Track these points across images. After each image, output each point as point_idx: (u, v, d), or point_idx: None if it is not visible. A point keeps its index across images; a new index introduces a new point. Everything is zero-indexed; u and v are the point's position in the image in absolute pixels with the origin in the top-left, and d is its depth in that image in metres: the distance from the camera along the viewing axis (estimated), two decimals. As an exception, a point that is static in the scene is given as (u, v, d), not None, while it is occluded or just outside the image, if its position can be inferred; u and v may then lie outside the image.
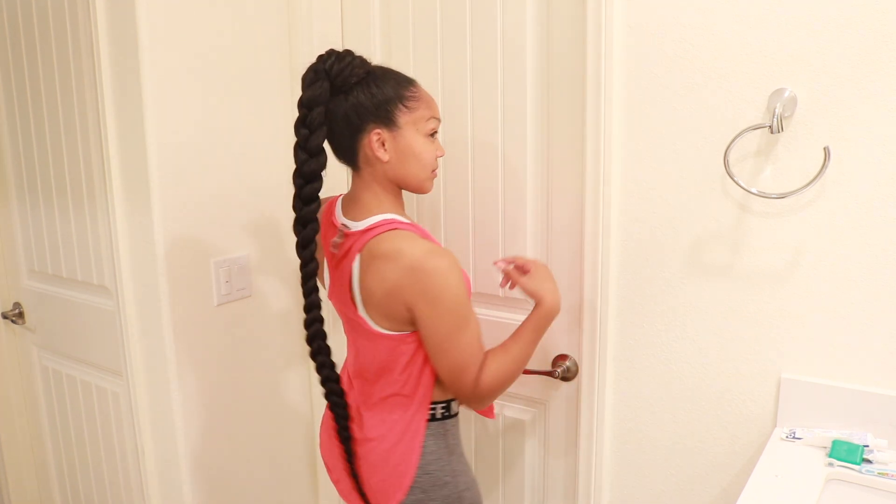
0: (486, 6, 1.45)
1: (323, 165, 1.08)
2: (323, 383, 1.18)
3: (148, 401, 1.58)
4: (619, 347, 1.39)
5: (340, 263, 1.13)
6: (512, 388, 1.58)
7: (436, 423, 1.17)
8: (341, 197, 1.20)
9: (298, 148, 1.07)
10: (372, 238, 1.07)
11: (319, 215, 1.20)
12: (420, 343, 1.12)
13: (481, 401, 1.12)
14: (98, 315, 1.70)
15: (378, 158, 1.09)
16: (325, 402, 1.25)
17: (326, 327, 1.18)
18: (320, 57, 1.07)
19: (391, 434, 1.15)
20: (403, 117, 1.08)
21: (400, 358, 1.12)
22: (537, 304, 1.16)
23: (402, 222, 1.09)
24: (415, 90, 1.10)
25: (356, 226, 1.10)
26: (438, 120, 1.13)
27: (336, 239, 1.14)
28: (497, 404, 1.61)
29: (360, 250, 1.08)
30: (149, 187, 1.44)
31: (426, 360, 1.13)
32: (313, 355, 1.17)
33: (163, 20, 1.42)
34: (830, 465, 1.09)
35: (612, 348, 1.40)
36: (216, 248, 1.58)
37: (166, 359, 1.52)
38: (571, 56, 1.36)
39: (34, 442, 2.07)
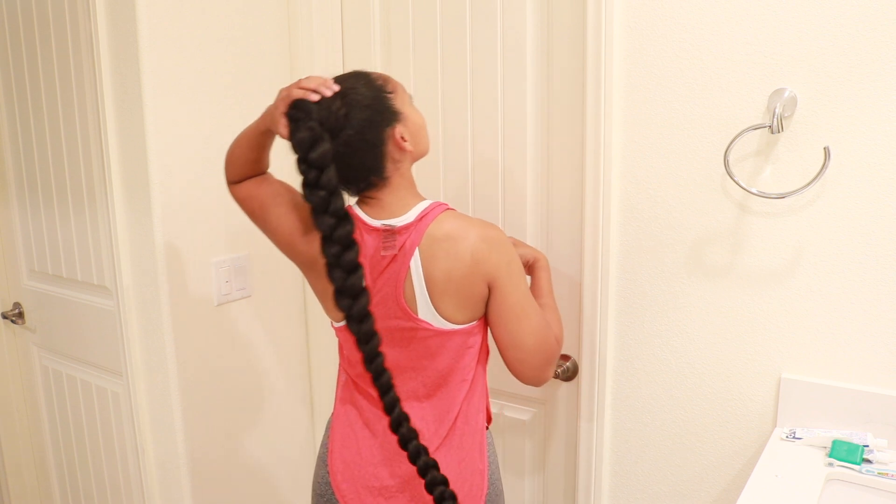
0: (486, 6, 1.45)
1: (353, 226, 1.01)
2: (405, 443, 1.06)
3: (148, 401, 1.58)
4: (619, 347, 1.39)
5: (389, 267, 1.05)
6: (512, 388, 1.58)
7: (487, 431, 1.17)
8: (351, 207, 1.10)
9: (320, 213, 0.99)
10: (430, 224, 1.04)
11: None
12: (483, 332, 1.11)
13: (558, 356, 1.13)
14: (98, 315, 1.70)
15: (406, 152, 1.07)
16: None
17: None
18: (296, 116, 1.00)
19: (460, 450, 1.11)
20: (397, 103, 1.06)
21: (466, 354, 1.10)
22: (537, 261, 1.24)
23: (446, 204, 1.09)
24: (377, 76, 1.07)
25: (404, 219, 1.06)
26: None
27: (386, 240, 1.06)
28: (497, 404, 1.61)
29: (418, 242, 1.04)
30: (149, 187, 1.44)
31: (480, 356, 1.13)
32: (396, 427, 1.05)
33: (163, 22, 1.42)
34: (830, 465, 1.09)
35: (612, 348, 1.40)
36: (216, 248, 1.58)
37: (166, 359, 1.52)
38: (571, 56, 1.36)
39: (34, 442, 2.07)
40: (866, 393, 1.14)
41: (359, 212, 1.09)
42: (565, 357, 1.49)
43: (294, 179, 1.06)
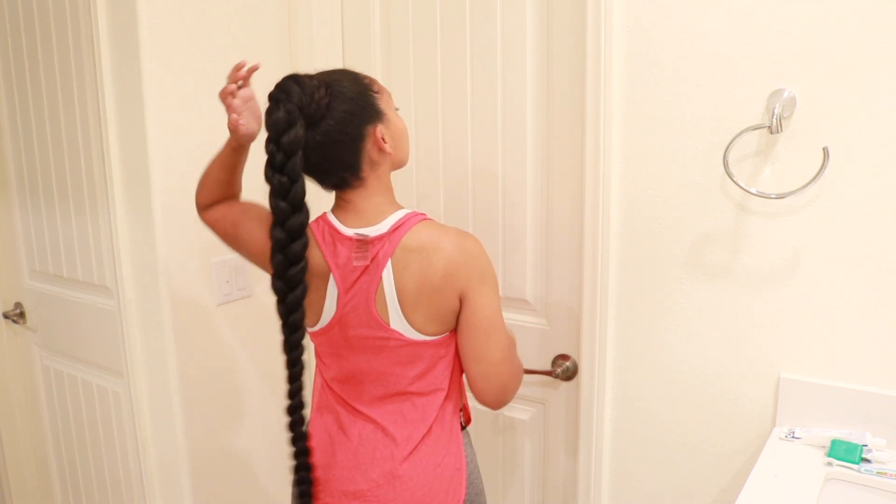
0: (486, 6, 1.45)
1: (308, 218, 1.00)
2: (295, 441, 1.11)
3: (148, 401, 1.59)
4: (619, 347, 1.39)
5: (361, 277, 1.04)
6: (512, 388, 1.58)
7: (464, 430, 1.16)
8: (326, 214, 1.09)
9: (277, 197, 0.97)
10: (404, 235, 1.02)
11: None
12: (456, 343, 1.10)
13: (520, 382, 1.13)
14: (99, 315, 1.70)
15: (386, 153, 1.05)
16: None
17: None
18: (277, 97, 0.98)
19: (435, 455, 1.10)
20: (381, 103, 1.05)
21: (439, 364, 1.09)
22: None
23: (421, 213, 1.07)
24: (364, 76, 1.06)
25: (377, 229, 1.04)
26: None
27: (358, 250, 1.05)
28: (497, 404, 1.61)
29: (391, 253, 1.02)
30: (149, 187, 1.45)
31: (455, 364, 1.12)
32: (292, 410, 1.10)
33: (163, 23, 1.42)
34: (829, 464, 1.09)
35: (612, 348, 1.40)
36: (216, 248, 1.59)
37: (166, 359, 1.52)
38: (571, 56, 1.37)
39: (35, 441, 2.08)
40: (865, 393, 1.14)
41: (332, 219, 1.07)
42: (565, 357, 1.49)
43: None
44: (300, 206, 0.99)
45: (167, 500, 1.62)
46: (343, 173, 1.04)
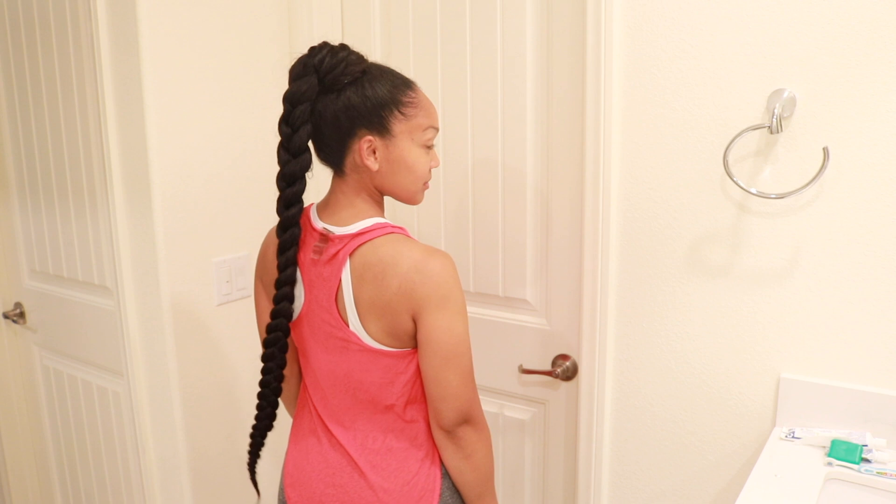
0: (486, 6, 1.45)
1: (306, 167, 1.00)
2: (263, 385, 1.13)
3: (148, 401, 1.59)
4: (619, 347, 1.39)
5: (324, 273, 1.02)
6: (512, 388, 1.58)
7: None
8: (314, 204, 1.09)
9: (281, 147, 1.00)
10: (364, 244, 0.99)
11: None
12: (416, 363, 1.05)
13: (478, 422, 1.05)
14: (98, 315, 1.70)
15: (367, 167, 1.00)
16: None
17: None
18: (312, 49, 0.98)
19: (406, 466, 1.06)
20: (398, 125, 1.00)
21: (398, 379, 1.04)
22: None
23: (394, 226, 1.03)
24: (413, 95, 1.02)
25: (342, 230, 1.02)
26: (436, 129, 1.05)
27: (318, 244, 1.03)
28: (496, 404, 1.61)
29: (349, 254, 1.00)
30: (149, 187, 1.45)
31: (419, 380, 1.06)
32: (265, 359, 1.10)
33: (163, 22, 1.42)
34: (829, 464, 1.09)
35: (612, 348, 1.40)
36: (216, 248, 1.59)
37: (166, 359, 1.52)
38: (571, 56, 1.37)
39: (35, 441, 2.08)
40: (865, 393, 1.14)
41: (312, 210, 1.07)
42: (565, 357, 1.49)
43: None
44: (297, 153, 1.00)
45: (167, 500, 1.62)
46: (328, 155, 1.04)
